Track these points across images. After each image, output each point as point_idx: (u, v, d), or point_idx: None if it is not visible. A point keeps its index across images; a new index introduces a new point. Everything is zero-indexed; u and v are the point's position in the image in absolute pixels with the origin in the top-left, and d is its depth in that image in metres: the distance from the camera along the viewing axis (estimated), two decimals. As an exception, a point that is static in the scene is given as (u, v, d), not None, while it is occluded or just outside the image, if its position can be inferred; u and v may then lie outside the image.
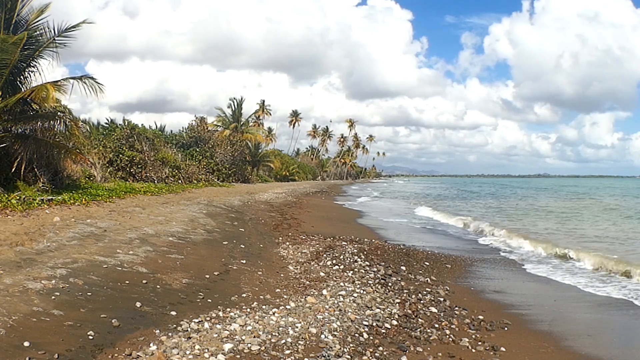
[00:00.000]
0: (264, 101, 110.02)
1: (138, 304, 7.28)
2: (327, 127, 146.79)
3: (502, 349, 7.43)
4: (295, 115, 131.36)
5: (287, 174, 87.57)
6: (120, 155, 31.52)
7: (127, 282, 8.31)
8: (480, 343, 7.63)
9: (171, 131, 54.73)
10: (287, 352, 6.24)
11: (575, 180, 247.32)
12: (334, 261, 12.53)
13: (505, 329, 8.52)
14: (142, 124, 42.07)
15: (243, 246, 13.38)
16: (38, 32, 17.59)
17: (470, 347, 7.43)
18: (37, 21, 17.62)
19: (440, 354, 7.02)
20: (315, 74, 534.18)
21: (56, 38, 17.43)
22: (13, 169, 16.70)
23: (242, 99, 68.13)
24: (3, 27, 16.75)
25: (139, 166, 32.22)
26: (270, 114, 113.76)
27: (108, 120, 45.36)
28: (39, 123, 18.37)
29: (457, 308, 9.54)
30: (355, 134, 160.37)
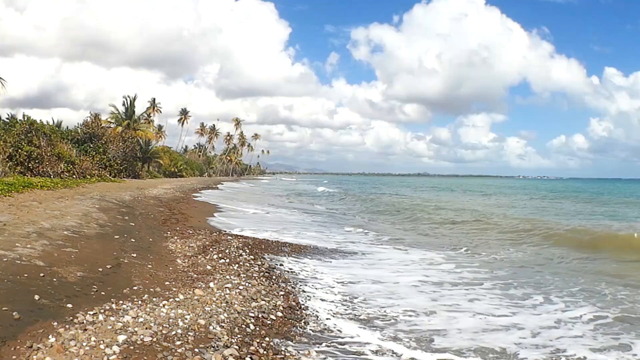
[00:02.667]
0: (154, 99, 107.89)
1: (37, 297, 6.97)
2: (214, 125, 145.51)
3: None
4: (184, 113, 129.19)
5: (176, 170, 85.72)
6: (20, 150, 29.68)
7: (26, 275, 7.91)
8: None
9: (67, 127, 52.13)
10: (178, 342, 6.15)
11: (446, 180, 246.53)
12: (220, 255, 12.40)
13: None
14: (40, 120, 39.84)
15: (134, 240, 13.05)
16: None
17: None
18: None
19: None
20: (188, 72, 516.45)
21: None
22: None
23: (134, 96, 65.74)
24: None
25: (37, 161, 30.44)
26: (160, 112, 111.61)
27: (9, 115, 42.60)
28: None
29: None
30: (242, 132, 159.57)
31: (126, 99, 65.62)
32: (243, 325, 7.29)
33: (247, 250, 13.44)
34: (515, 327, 8.40)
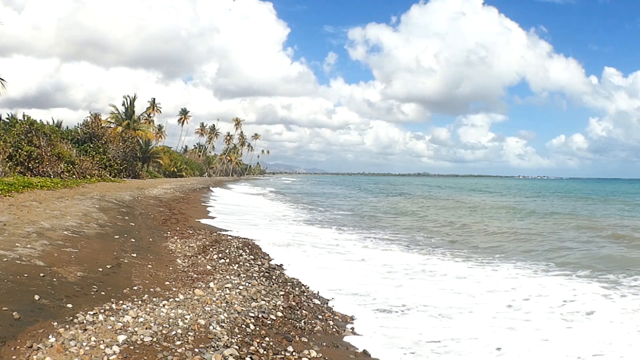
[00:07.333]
0: (154, 99, 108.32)
1: (37, 297, 6.93)
2: (214, 125, 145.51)
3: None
4: (184, 113, 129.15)
5: (176, 170, 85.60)
6: (20, 150, 29.67)
7: (26, 275, 7.88)
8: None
9: (67, 127, 52.09)
10: (178, 342, 6.11)
11: (432, 180, 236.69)
12: (220, 255, 12.37)
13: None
14: (40, 120, 39.82)
15: (134, 240, 13.02)
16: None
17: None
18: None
19: (324, 344, 7.08)
20: (186, 72, 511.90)
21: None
22: None
23: (135, 96, 65.40)
24: None
25: (37, 161, 30.41)
26: (160, 112, 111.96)
27: (9, 115, 42.58)
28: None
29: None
30: (242, 132, 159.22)
31: (126, 99, 65.41)
32: (243, 325, 7.22)
33: (247, 250, 13.41)
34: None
